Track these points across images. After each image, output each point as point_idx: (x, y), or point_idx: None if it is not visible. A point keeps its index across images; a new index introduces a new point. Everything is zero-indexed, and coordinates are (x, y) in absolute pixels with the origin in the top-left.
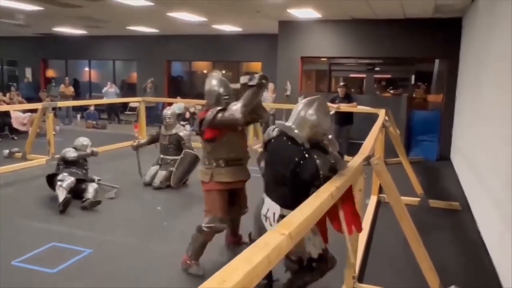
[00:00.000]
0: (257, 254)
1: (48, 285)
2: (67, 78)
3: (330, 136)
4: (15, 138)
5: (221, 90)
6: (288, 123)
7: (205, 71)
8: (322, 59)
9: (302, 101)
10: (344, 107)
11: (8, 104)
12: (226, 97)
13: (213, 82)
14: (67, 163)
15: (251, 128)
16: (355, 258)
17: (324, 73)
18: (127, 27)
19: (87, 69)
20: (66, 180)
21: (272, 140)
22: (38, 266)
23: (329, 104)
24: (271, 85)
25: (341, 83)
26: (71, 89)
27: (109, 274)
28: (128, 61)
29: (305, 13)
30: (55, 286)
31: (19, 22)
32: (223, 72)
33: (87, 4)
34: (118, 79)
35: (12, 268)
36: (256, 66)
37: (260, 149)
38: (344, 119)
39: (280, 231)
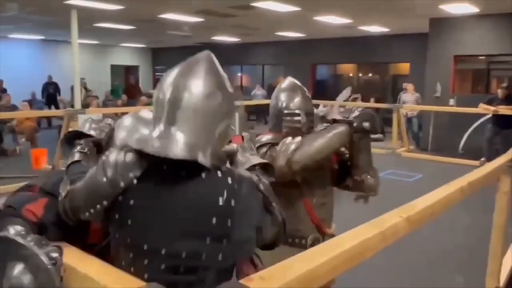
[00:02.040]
0: (373, 229)
1: None
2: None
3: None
4: None
5: (283, 102)
6: (158, 126)
7: (350, 74)
8: (479, 57)
9: (171, 72)
10: (504, 109)
11: None
12: (292, 118)
13: (278, 92)
14: None
15: (394, 128)
16: (498, 266)
17: (482, 73)
18: (276, 33)
19: (239, 74)
20: None
21: (135, 182)
22: None
23: (484, 105)
24: (410, 85)
25: (503, 85)
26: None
27: None
28: (275, 66)
29: (460, 8)
30: None
31: (185, 33)
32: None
33: (242, 13)
34: (266, 83)
35: None
36: (404, 67)
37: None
38: (505, 122)
39: (398, 213)
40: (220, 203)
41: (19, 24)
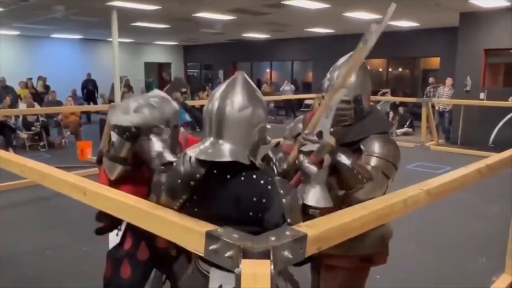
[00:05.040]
0: (397, 197)
1: None
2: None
3: (270, 139)
4: None
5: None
6: (208, 139)
7: (380, 69)
8: (511, 51)
9: (216, 90)
10: None
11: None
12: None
13: None
14: None
15: (424, 122)
16: None
17: None
18: (305, 29)
19: (268, 70)
20: None
21: (202, 183)
22: None
23: None
24: (448, 80)
25: None
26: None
27: None
28: (304, 61)
29: (491, 1)
30: None
31: (217, 30)
32: None
33: (273, 11)
34: (295, 78)
35: None
36: (435, 61)
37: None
38: None
39: (419, 186)
40: (254, 200)
41: (63, 24)
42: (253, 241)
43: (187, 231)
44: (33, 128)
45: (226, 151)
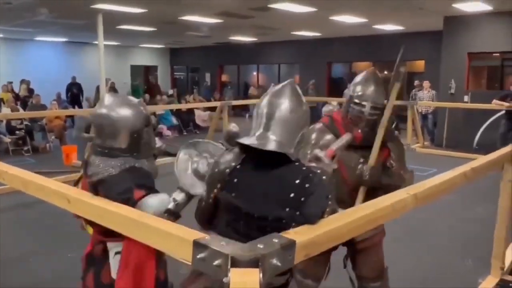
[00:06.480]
0: (385, 201)
1: None
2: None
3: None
4: (197, 132)
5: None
6: (257, 132)
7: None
8: (493, 54)
9: (267, 93)
10: None
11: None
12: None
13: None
14: None
15: (409, 124)
16: (504, 248)
17: (496, 70)
18: (292, 32)
19: (255, 73)
20: None
21: (238, 167)
22: None
23: (498, 101)
24: (426, 83)
25: None
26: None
27: None
28: (291, 64)
29: (474, 6)
30: None
31: (203, 34)
32: None
33: (260, 15)
34: (282, 81)
35: None
36: (419, 64)
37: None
38: None
39: (407, 191)
40: (297, 182)
41: (47, 27)
42: (241, 249)
43: (174, 240)
44: (17, 132)
45: (273, 142)
